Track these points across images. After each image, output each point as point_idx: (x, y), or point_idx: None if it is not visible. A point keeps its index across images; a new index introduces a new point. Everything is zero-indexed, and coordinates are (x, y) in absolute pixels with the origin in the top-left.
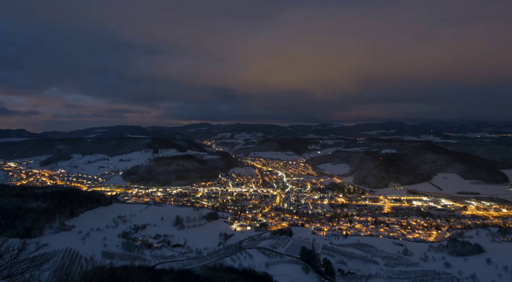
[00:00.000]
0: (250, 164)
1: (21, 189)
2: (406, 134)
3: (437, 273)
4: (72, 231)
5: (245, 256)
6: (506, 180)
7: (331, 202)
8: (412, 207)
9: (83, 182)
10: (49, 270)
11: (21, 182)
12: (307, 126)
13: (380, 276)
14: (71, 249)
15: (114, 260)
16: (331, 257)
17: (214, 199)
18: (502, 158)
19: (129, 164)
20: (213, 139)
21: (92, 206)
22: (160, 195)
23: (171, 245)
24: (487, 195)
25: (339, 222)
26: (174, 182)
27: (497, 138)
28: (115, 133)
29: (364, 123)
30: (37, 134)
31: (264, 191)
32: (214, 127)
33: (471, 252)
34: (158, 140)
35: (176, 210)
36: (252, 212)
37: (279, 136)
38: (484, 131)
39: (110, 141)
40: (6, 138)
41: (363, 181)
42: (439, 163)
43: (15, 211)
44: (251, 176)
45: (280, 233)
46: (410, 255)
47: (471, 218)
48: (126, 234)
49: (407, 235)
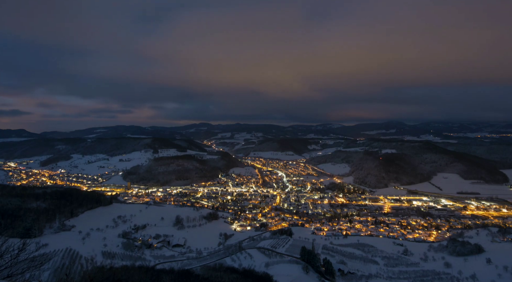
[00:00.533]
0: (250, 164)
1: (21, 189)
2: (406, 134)
3: (437, 273)
4: (72, 231)
5: (245, 256)
6: (506, 180)
7: (331, 202)
8: (412, 207)
9: (83, 182)
10: (49, 270)
11: (21, 182)
12: (307, 126)
13: (380, 276)
14: (71, 249)
15: (114, 260)
16: (331, 257)
17: (214, 199)
18: (502, 158)
19: (129, 164)
20: (213, 139)
21: (92, 206)
22: (160, 195)
23: (171, 245)
24: (487, 195)
25: (339, 222)
26: (174, 182)
27: (497, 138)
28: (115, 133)
29: (364, 123)
30: (37, 134)
31: (264, 191)
32: (214, 127)
33: (471, 252)
34: (158, 140)
35: (176, 210)
36: (252, 212)
37: (279, 136)
38: (484, 131)
39: (110, 141)
40: (6, 138)
41: (363, 181)
42: (439, 163)
43: (15, 211)
44: (251, 176)
45: (280, 233)
46: (410, 255)
47: (471, 218)
48: (126, 234)
49: (407, 235)
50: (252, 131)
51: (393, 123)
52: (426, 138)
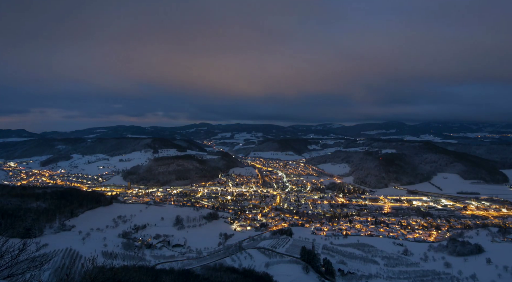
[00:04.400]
0: (250, 164)
1: (21, 189)
2: (406, 134)
3: (437, 273)
4: (72, 231)
5: (245, 256)
6: (506, 180)
7: (331, 202)
8: (412, 207)
9: (83, 182)
10: (49, 270)
11: (21, 182)
12: (307, 126)
13: (380, 276)
14: (71, 249)
15: (114, 260)
16: (331, 257)
17: (214, 199)
18: (502, 158)
19: (129, 164)
20: (213, 139)
21: (92, 206)
22: (160, 195)
23: (171, 245)
24: (487, 195)
25: (339, 222)
26: (174, 182)
27: (497, 138)
28: (115, 133)
29: (364, 123)
30: (37, 134)
31: (264, 191)
32: (214, 127)
33: (471, 252)
34: (158, 140)
35: (176, 210)
36: (252, 212)
37: (279, 136)
38: (484, 131)
39: (110, 141)
40: (6, 138)
41: (363, 181)
42: (439, 163)
43: (15, 211)
44: (251, 176)
45: (280, 233)
46: (410, 255)
47: (471, 218)
48: (126, 234)
49: (407, 235)
50: (252, 131)
51: (393, 123)
52: (426, 139)
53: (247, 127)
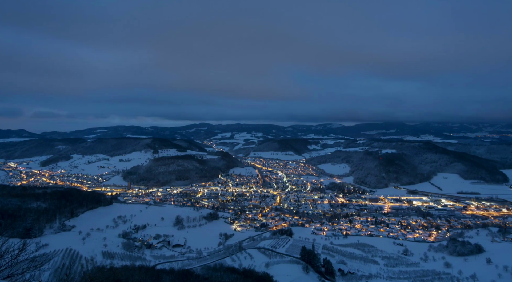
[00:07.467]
0: (250, 164)
1: (21, 189)
2: (406, 134)
3: (437, 273)
4: (72, 231)
5: (245, 256)
6: (506, 180)
7: (331, 202)
8: (412, 207)
9: (83, 182)
10: (49, 270)
11: (21, 182)
12: (307, 126)
13: (380, 276)
14: (71, 249)
15: (114, 260)
16: (331, 257)
17: (214, 199)
18: (502, 158)
19: (129, 164)
20: (213, 139)
21: (92, 206)
22: (160, 195)
23: (171, 245)
24: (487, 195)
25: (339, 222)
26: (174, 182)
27: (497, 138)
28: (115, 133)
29: (364, 123)
30: (37, 135)
31: (264, 191)
32: (214, 127)
33: (471, 252)
34: (158, 140)
35: (176, 210)
36: (252, 212)
37: (279, 136)
38: (484, 131)
39: (110, 141)
40: (6, 139)
41: (363, 181)
42: (439, 163)
43: (15, 211)
44: (251, 176)
45: (280, 233)
46: (410, 255)
47: (471, 218)
48: (126, 234)
49: (407, 235)
50: (252, 131)
51: (393, 123)
52: (426, 139)
53: (247, 127)
